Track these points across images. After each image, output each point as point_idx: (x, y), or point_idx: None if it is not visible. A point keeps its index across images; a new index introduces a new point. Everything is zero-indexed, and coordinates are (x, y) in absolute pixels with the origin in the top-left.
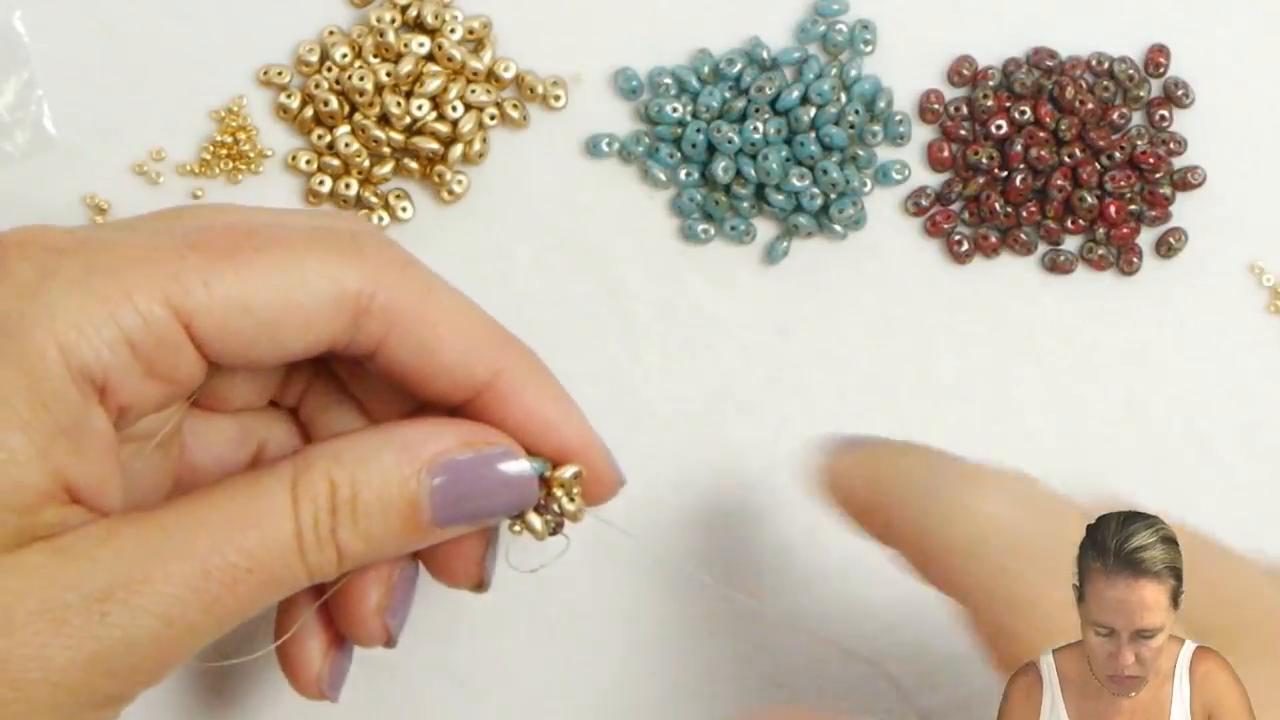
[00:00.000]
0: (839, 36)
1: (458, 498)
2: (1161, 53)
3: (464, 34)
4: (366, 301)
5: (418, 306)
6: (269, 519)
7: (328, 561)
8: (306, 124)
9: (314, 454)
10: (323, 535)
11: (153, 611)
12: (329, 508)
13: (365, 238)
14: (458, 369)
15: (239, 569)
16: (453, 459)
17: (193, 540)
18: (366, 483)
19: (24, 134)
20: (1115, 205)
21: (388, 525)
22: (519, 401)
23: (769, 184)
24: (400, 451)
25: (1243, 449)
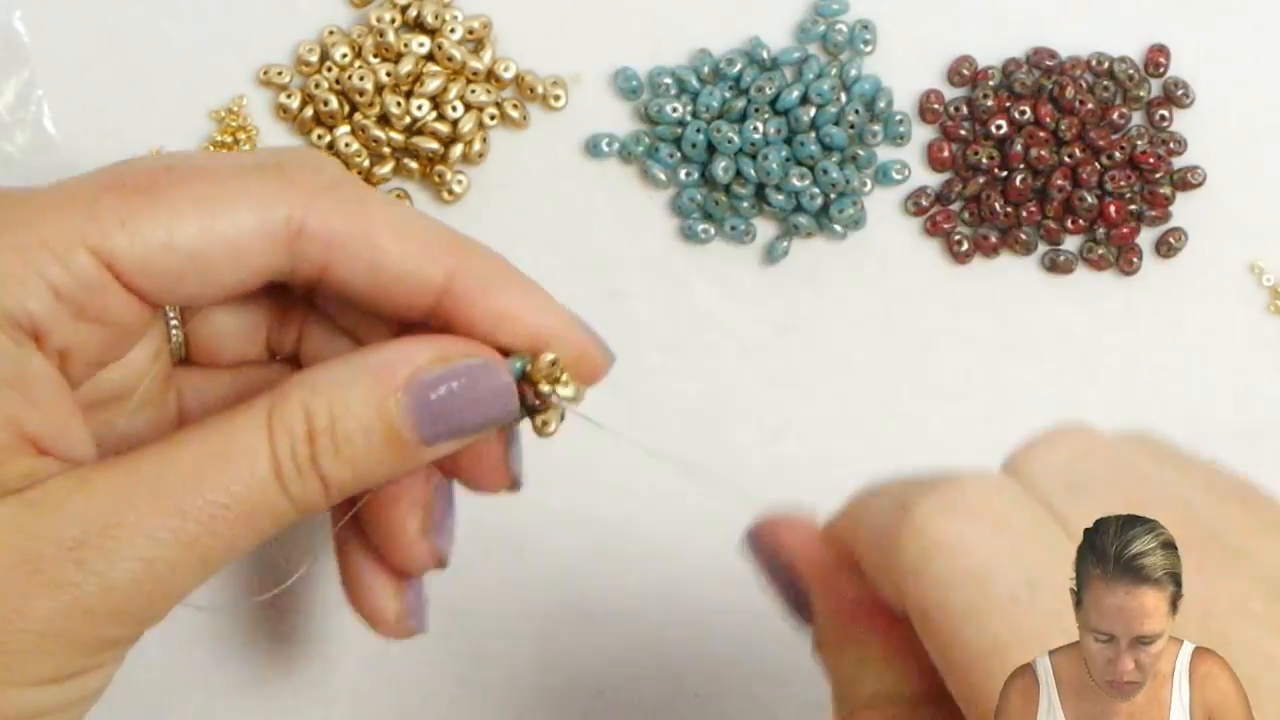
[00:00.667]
0: (839, 36)
1: (437, 414)
2: (1161, 53)
3: (464, 34)
4: (297, 226)
5: (353, 223)
6: (244, 454)
7: (313, 492)
8: (306, 124)
9: (289, 385)
10: (302, 465)
11: (129, 555)
12: (305, 437)
13: (291, 164)
14: (408, 277)
15: (215, 505)
16: (428, 375)
17: (165, 481)
18: (344, 408)
19: (24, 134)
20: (1115, 205)
21: (370, 450)
22: (482, 299)
23: (769, 184)
24: (375, 373)
25: (1242, 449)
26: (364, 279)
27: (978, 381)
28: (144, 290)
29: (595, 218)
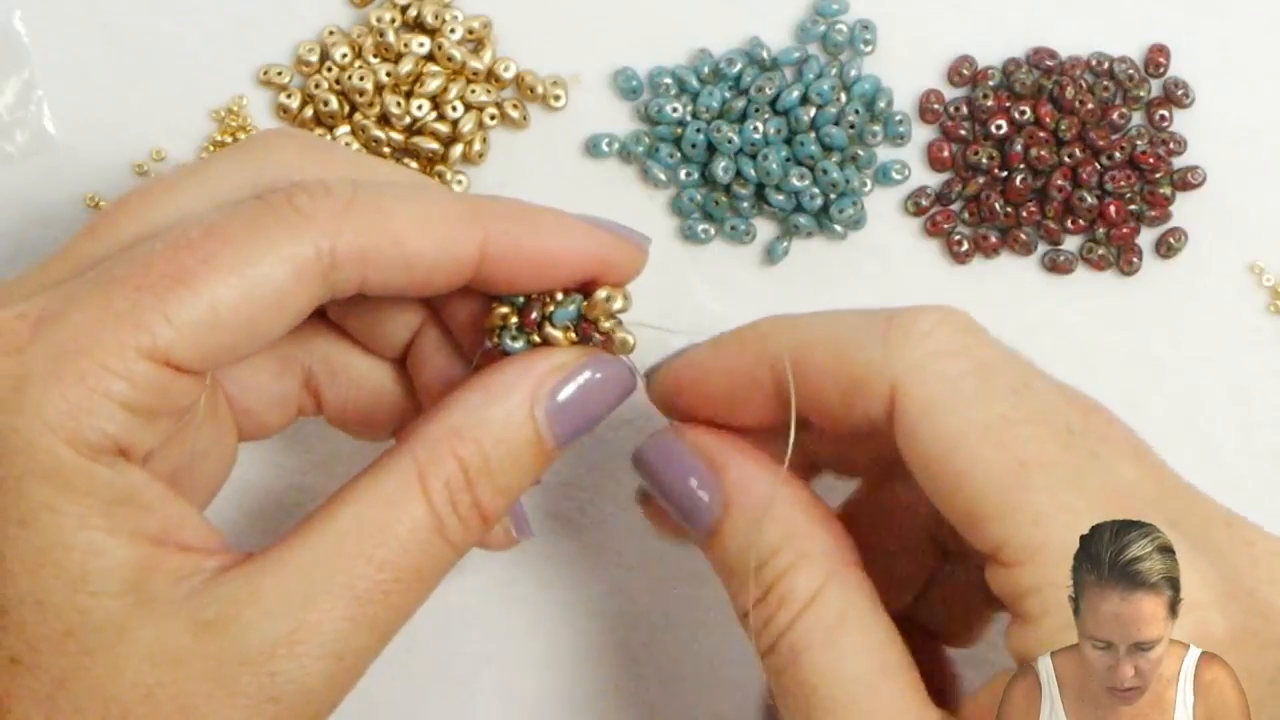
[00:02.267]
0: (839, 36)
1: (572, 415)
2: (1161, 53)
3: (464, 34)
4: (328, 260)
5: (380, 235)
6: (405, 523)
7: (475, 529)
8: (306, 124)
9: (430, 437)
10: (464, 513)
11: (319, 654)
12: (464, 485)
13: (300, 196)
14: (444, 264)
15: (388, 582)
16: (556, 384)
17: (335, 571)
18: (493, 442)
19: (24, 134)
20: (1115, 205)
21: (521, 469)
22: (516, 257)
23: (769, 184)
24: (507, 399)
25: (1243, 449)
26: (401, 279)
27: None
28: (202, 367)
29: None
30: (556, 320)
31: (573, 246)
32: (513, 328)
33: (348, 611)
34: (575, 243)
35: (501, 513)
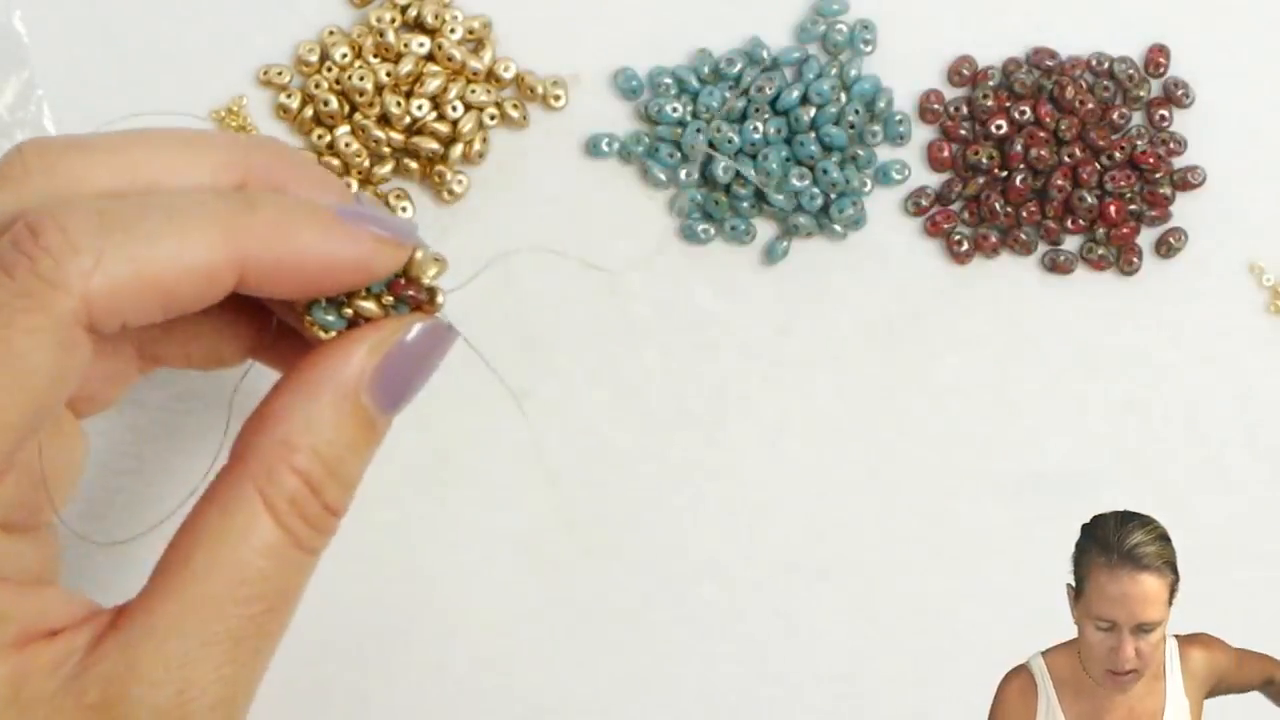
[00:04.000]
0: (839, 36)
1: (399, 387)
2: (1161, 53)
3: (464, 34)
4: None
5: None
6: (258, 550)
7: (327, 527)
8: (306, 124)
9: (265, 457)
10: (313, 515)
11: (211, 705)
12: (308, 494)
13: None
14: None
15: (260, 614)
16: (374, 369)
17: (205, 623)
18: (327, 444)
19: (24, 134)
20: (1115, 205)
21: (360, 455)
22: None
23: (769, 184)
24: (332, 394)
25: (1243, 449)
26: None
27: (978, 381)
28: None
29: (595, 218)
30: (372, 290)
31: (335, 258)
32: (322, 302)
33: (227, 656)
34: (337, 253)
35: (350, 497)
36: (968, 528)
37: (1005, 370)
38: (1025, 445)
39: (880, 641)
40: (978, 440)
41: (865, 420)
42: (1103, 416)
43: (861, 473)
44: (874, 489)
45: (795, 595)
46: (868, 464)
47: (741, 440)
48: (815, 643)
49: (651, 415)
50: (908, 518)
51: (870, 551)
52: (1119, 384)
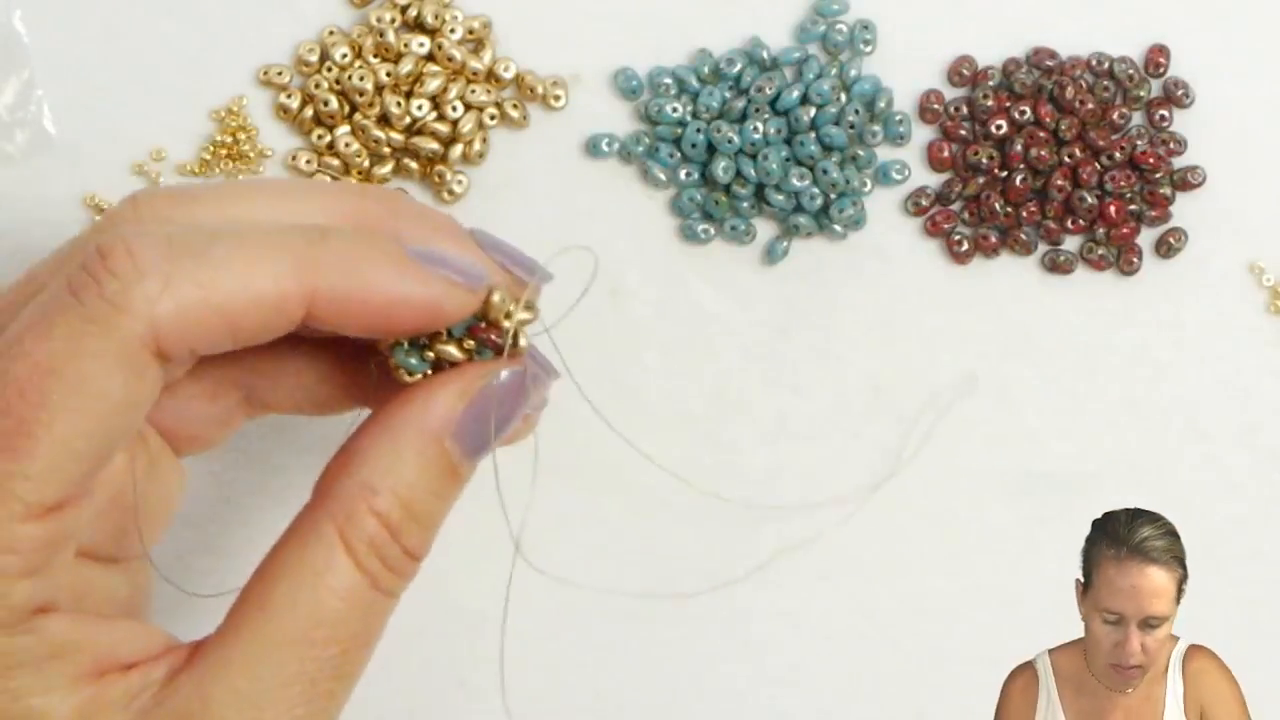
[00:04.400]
0: (839, 36)
1: (483, 434)
2: (1161, 53)
3: (464, 34)
4: (153, 344)
5: (195, 310)
6: (336, 593)
7: (407, 571)
8: (306, 124)
9: (345, 495)
10: (392, 559)
11: None
12: (388, 538)
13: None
14: (268, 326)
15: (335, 657)
16: (462, 415)
17: (281, 664)
18: (409, 489)
19: (24, 134)
20: (1115, 205)
21: (441, 500)
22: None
23: (769, 184)
24: (417, 439)
25: (1243, 449)
26: (227, 342)
27: (978, 381)
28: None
29: (595, 218)
30: (455, 333)
31: (403, 297)
32: (405, 345)
33: (301, 698)
34: (406, 293)
35: (431, 542)
36: (967, 527)
37: (1005, 370)
38: (1025, 445)
39: (880, 641)
40: (977, 440)
41: (865, 420)
42: (1103, 416)
43: (861, 472)
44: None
45: (796, 594)
46: (867, 463)
47: (741, 440)
48: (815, 642)
49: (651, 415)
50: (907, 517)
51: (870, 551)
52: (1119, 384)
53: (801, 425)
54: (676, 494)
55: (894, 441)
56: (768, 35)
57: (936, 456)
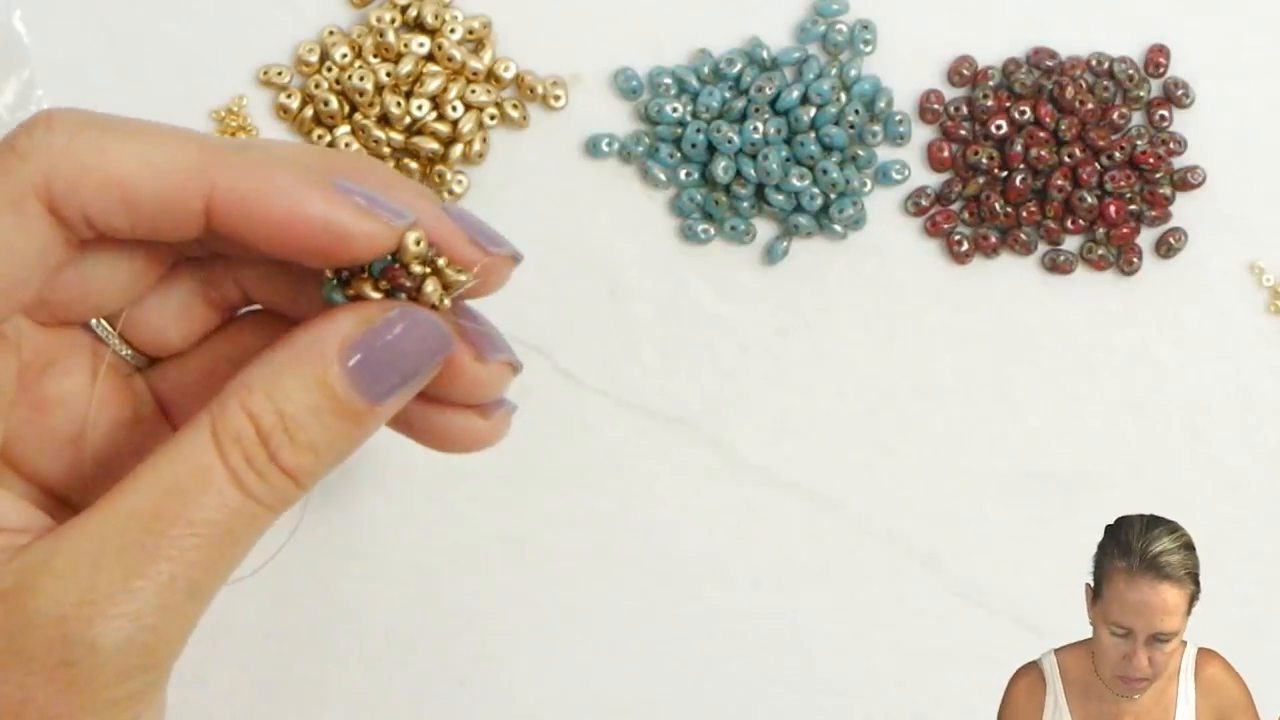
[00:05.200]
0: (839, 36)
1: (377, 372)
2: (1161, 53)
3: (464, 34)
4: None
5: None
6: (198, 479)
7: (282, 487)
8: (306, 124)
9: (225, 393)
10: (262, 468)
11: (112, 617)
12: (256, 440)
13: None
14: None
15: (185, 538)
16: (356, 340)
17: (127, 534)
18: (286, 398)
19: None
20: (1115, 205)
21: (326, 428)
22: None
23: (769, 184)
24: (307, 354)
25: (1243, 449)
26: (123, 221)
27: (978, 381)
28: None
29: (595, 218)
30: (372, 271)
31: (305, 214)
32: (333, 280)
33: (137, 570)
34: (309, 210)
35: (315, 470)
36: (967, 527)
37: (1005, 370)
38: (1025, 445)
39: (881, 642)
40: (977, 440)
41: (865, 420)
42: (1103, 416)
43: (862, 472)
44: (874, 489)
45: (796, 595)
46: (868, 464)
47: (741, 440)
48: (816, 643)
49: (651, 415)
50: (907, 517)
51: (871, 551)
52: (1119, 384)
53: (801, 425)
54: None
55: (894, 441)
56: (768, 35)
57: (936, 456)
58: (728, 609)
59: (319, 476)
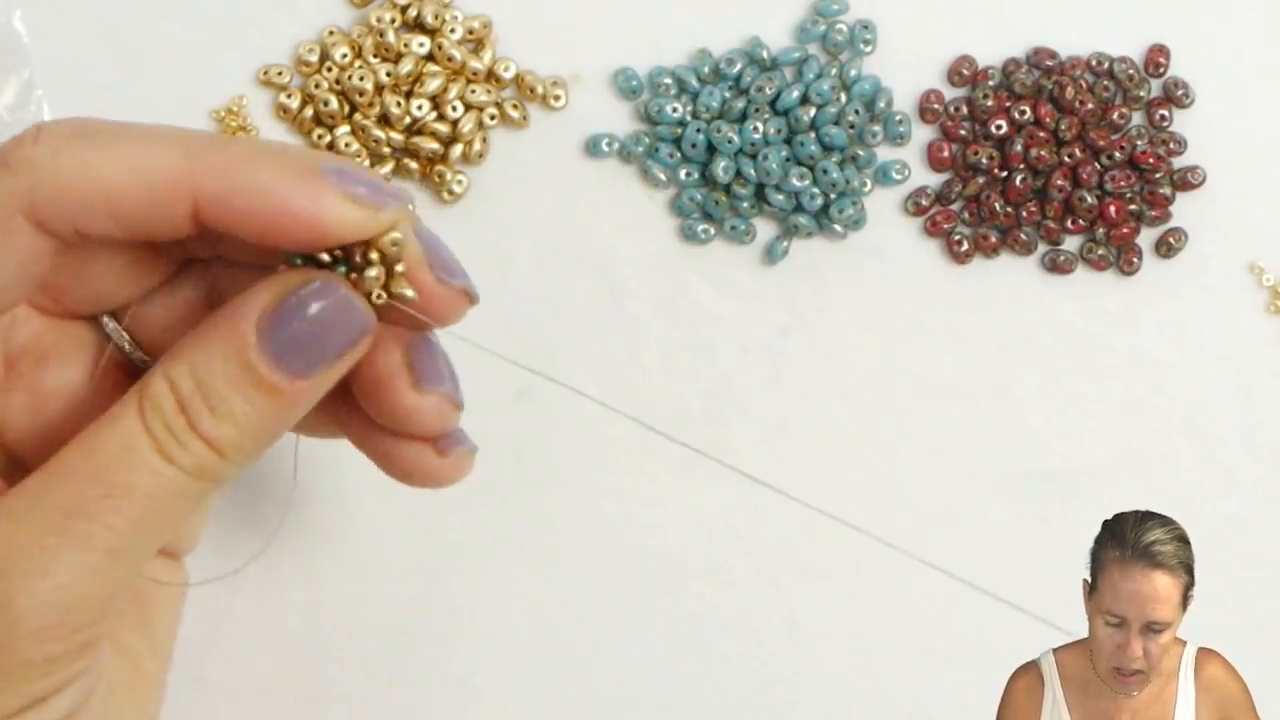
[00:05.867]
0: (839, 36)
1: (293, 346)
2: (1161, 53)
3: (464, 34)
4: (28, 206)
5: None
6: (119, 441)
7: (204, 457)
8: (306, 124)
9: (154, 365)
10: (181, 434)
11: (23, 573)
12: (176, 407)
13: (10, 147)
14: (153, 216)
15: (103, 499)
16: (272, 312)
17: (49, 494)
18: (205, 368)
19: None
20: (1115, 205)
21: (246, 399)
22: (230, 215)
23: (769, 184)
24: (226, 325)
25: (1243, 449)
26: (111, 227)
27: (978, 381)
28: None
29: (595, 218)
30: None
31: (292, 207)
32: (296, 259)
33: (53, 527)
34: (295, 203)
35: (239, 443)
36: (967, 528)
37: (1005, 370)
38: (1025, 445)
39: (881, 642)
40: (977, 440)
41: (865, 420)
42: (1103, 416)
43: (862, 473)
44: (874, 489)
45: (796, 595)
46: (868, 464)
47: (742, 440)
48: (815, 642)
49: (651, 415)
50: (907, 518)
51: (871, 551)
52: (1119, 384)
53: (801, 425)
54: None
55: (894, 441)
56: (768, 35)
57: (936, 456)
58: (728, 609)
59: (248, 452)
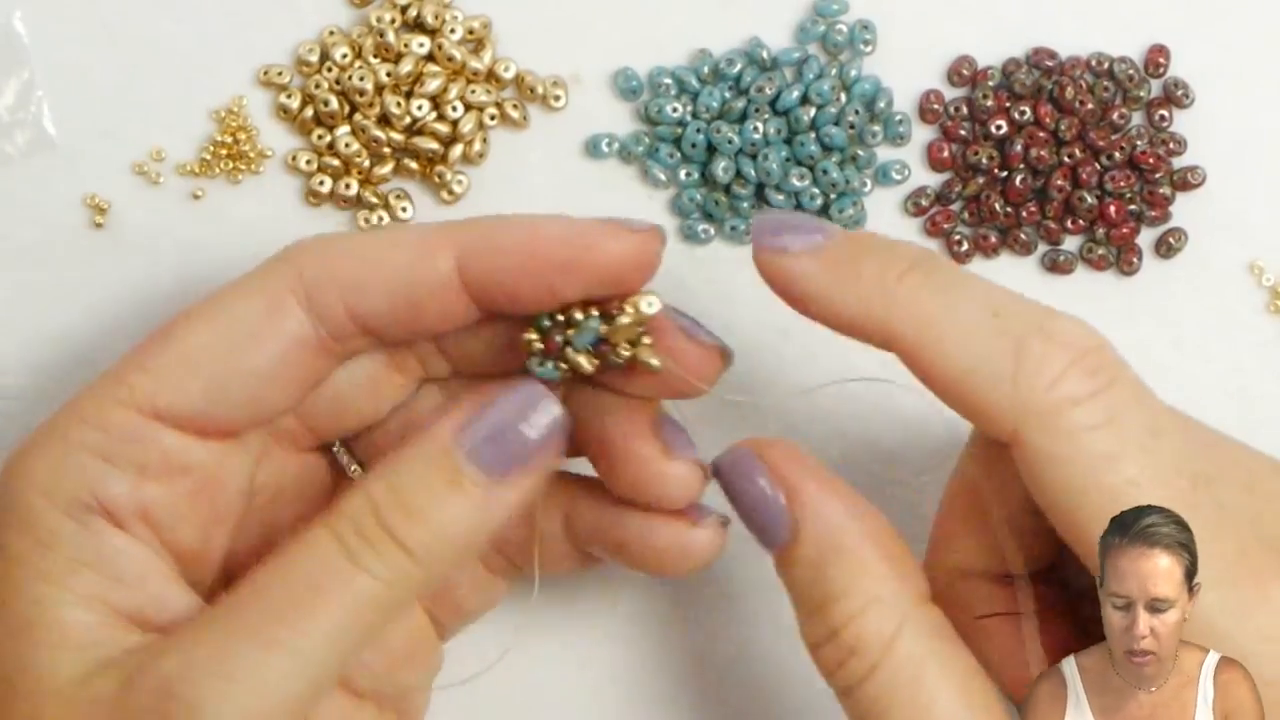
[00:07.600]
0: (839, 36)
1: (494, 448)
2: (1161, 53)
3: (464, 34)
4: (299, 289)
5: (346, 261)
6: (307, 550)
7: (399, 561)
8: (306, 124)
9: (350, 486)
10: (374, 539)
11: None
12: (372, 517)
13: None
14: (421, 285)
15: (292, 609)
16: (472, 417)
17: (239, 606)
18: (402, 474)
19: (24, 134)
20: (1115, 205)
21: (443, 504)
22: (496, 267)
23: (769, 184)
24: (425, 434)
25: None
26: (385, 306)
27: None
28: (194, 415)
29: None
30: (577, 344)
31: (551, 248)
32: (538, 354)
33: (245, 636)
34: (554, 244)
35: (435, 547)
36: None
37: None
38: None
39: None
40: None
41: (865, 421)
42: None
43: (862, 473)
44: (874, 488)
45: None
46: (868, 464)
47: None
48: None
49: None
50: (907, 517)
51: None
52: None
53: (802, 425)
54: None
55: (894, 441)
56: (768, 35)
57: (936, 456)
58: (728, 608)
59: (445, 558)
